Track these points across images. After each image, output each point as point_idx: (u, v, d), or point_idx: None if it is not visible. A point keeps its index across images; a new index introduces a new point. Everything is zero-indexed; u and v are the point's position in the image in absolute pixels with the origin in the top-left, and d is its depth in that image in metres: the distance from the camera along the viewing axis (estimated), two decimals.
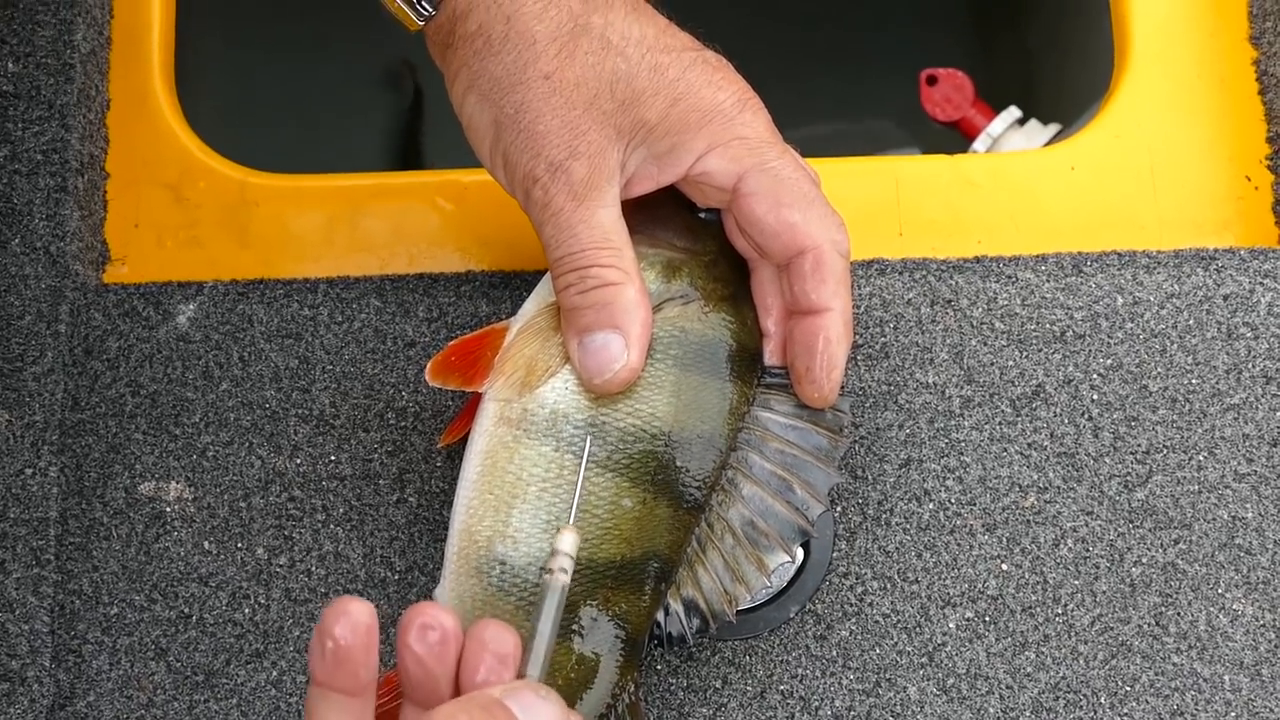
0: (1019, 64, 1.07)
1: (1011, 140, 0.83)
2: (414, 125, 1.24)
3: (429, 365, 0.57)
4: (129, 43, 0.71)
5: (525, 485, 0.57)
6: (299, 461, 0.64)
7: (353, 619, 0.45)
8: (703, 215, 0.61)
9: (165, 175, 0.70)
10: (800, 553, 0.63)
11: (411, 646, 0.47)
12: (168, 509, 0.64)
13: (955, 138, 0.89)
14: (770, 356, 0.60)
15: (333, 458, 0.64)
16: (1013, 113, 0.84)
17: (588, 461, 0.57)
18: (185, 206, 0.69)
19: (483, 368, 0.58)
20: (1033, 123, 0.84)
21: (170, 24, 0.72)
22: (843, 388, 0.59)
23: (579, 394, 0.58)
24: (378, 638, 0.46)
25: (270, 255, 0.68)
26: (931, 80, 0.87)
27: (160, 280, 0.67)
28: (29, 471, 0.64)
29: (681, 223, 0.61)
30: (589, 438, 0.57)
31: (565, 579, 0.53)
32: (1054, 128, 0.83)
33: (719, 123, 0.57)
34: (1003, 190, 0.69)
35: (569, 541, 0.54)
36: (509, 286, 0.66)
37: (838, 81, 1.07)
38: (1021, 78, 1.05)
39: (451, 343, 0.57)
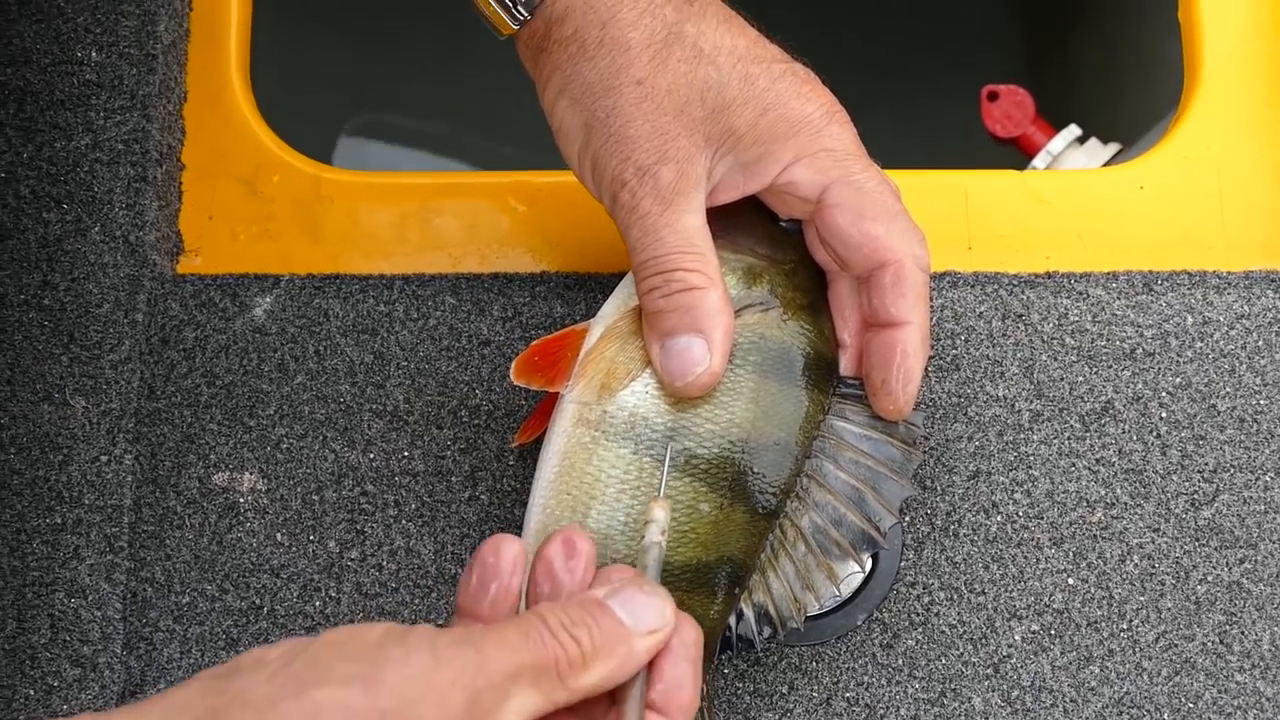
0: (1073, 84, 1.07)
1: (1072, 158, 0.84)
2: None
3: (514, 364, 0.57)
4: (207, 36, 0.72)
5: (603, 486, 0.57)
6: (372, 456, 0.65)
7: (504, 553, 0.47)
8: (784, 224, 0.62)
9: (240, 169, 0.70)
10: (869, 562, 0.63)
11: (549, 558, 0.49)
12: (241, 500, 0.64)
13: (1014, 155, 0.89)
14: (845, 367, 0.61)
15: (406, 454, 0.65)
16: (1073, 131, 0.85)
17: (667, 466, 0.57)
18: (259, 200, 0.70)
19: (563, 368, 0.58)
20: (1093, 141, 0.84)
21: (247, 18, 0.73)
22: (917, 401, 0.60)
23: (659, 398, 0.58)
24: (524, 574, 0.47)
25: (342, 251, 0.69)
26: (993, 96, 0.88)
27: (232, 272, 0.68)
28: (104, 459, 0.64)
29: (763, 231, 0.62)
30: (672, 440, 0.58)
31: (662, 541, 0.54)
32: (1114, 147, 0.84)
33: (807, 134, 0.57)
34: (1071, 207, 0.69)
35: (662, 512, 0.55)
36: (584, 288, 0.67)
37: (893, 96, 1.07)
38: (1076, 97, 1.06)
39: (534, 343, 0.58)
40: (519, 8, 0.58)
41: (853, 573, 0.61)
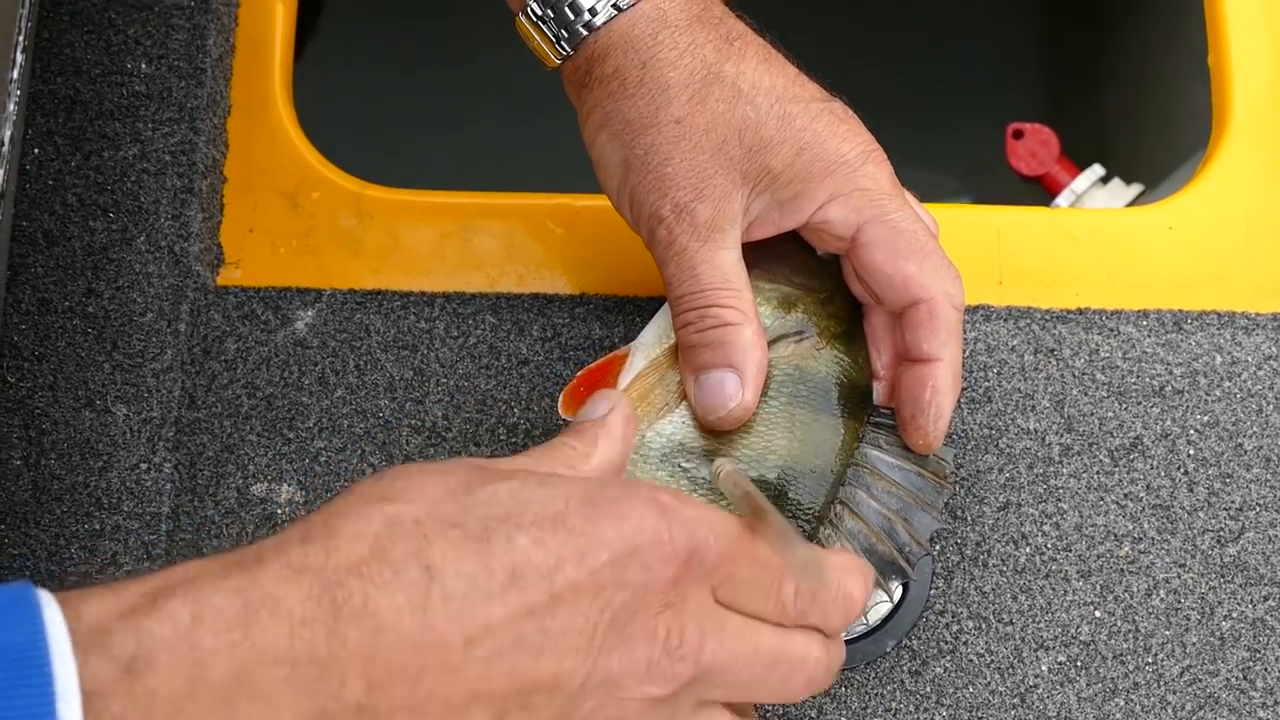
0: (1096, 125, 1.09)
1: (1095, 198, 0.85)
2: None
3: (561, 397, 0.58)
4: (252, 51, 0.72)
5: None
6: None
7: None
8: (820, 255, 0.63)
9: (282, 183, 0.71)
10: (899, 590, 0.64)
11: None
12: (278, 510, 0.65)
13: (1037, 193, 0.91)
14: (879, 398, 0.62)
15: None
16: (1096, 170, 0.86)
17: (704, 489, 0.58)
18: (300, 215, 0.70)
19: None
20: (1116, 182, 0.86)
21: (291, 34, 0.73)
22: (948, 435, 0.60)
23: (695, 427, 0.59)
24: None
25: (381, 267, 0.69)
26: (1018, 134, 0.89)
27: (271, 285, 0.68)
28: (144, 466, 0.64)
29: (799, 260, 0.62)
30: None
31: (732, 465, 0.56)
32: (1137, 188, 0.85)
33: (842, 173, 0.58)
34: (1101, 245, 0.70)
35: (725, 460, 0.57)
36: (622, 311, 0.68)
37: (917, 133, 1.09)
38: (1099, 138, 1.07)
39: (579, 373, 0.59)
40: (562, 44, 0.59)
41: (880, 602, 0.61)
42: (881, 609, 0.64)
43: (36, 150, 0.68)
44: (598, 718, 0.45)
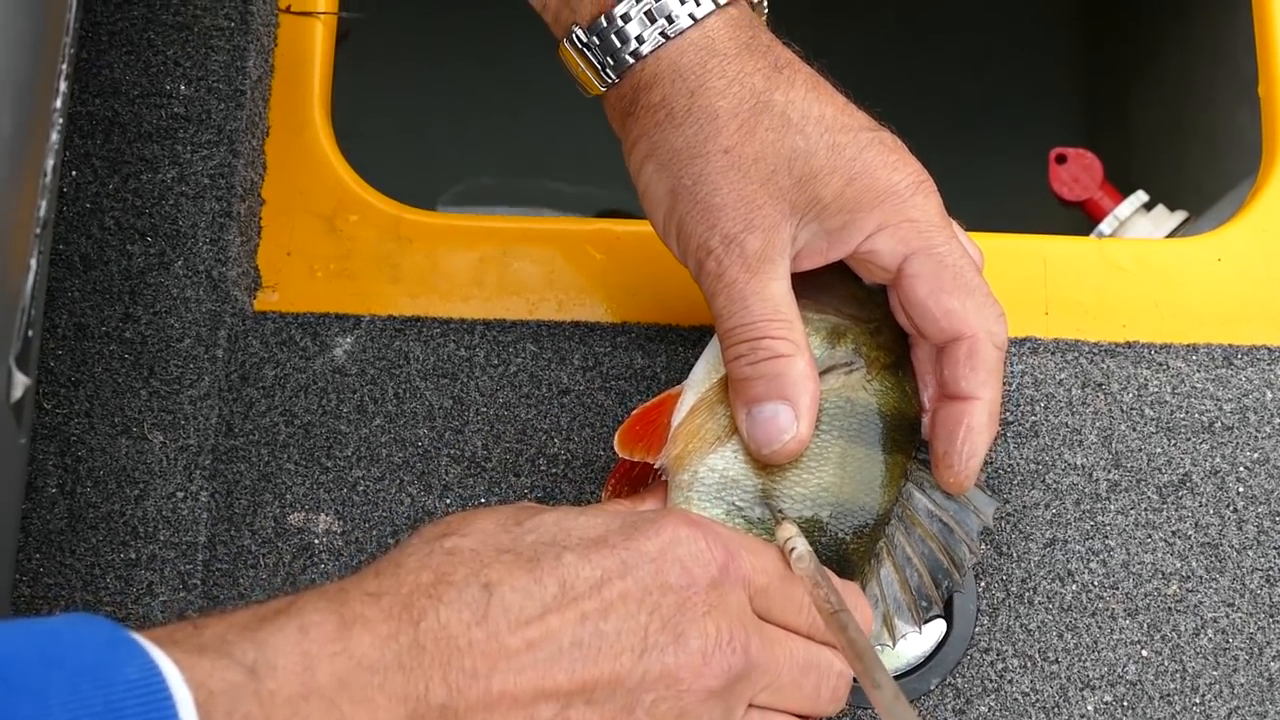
0: (1139, 150, 1.08)
1: (1138, 225, 0.84)
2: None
3: (617, 435, 0.57)
4: (291, 72, 0.72)
5: None
6: (449, 502, 0.64)
7: None
8: (868, 285, 0.62)
9: (320, 206, 0.70)
10: (943, 625, 0.63)
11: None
12: (316, 540, 0.64)
13: (1078, 219, 0.90)
14: (924, 431, 0.61)
15: (483, 500, 0.64)
16: (1140, 197, 0.85)
17: (759, 530, 0.57)
18: (338, 238, 0.70)
19: (660, 435, 0.58)
20: (1160, 208, 0.85)
21: (330, 56, 0.73)
22: (990, 476, 0.60)
23: (747, 462, 0.58)
24: None
25: (420, 292, 0.69)
26: (1061, 159, 0.88)
27: (309, 310, 0.68)
28: (180, 495, 0.64)
29: (847, 290, 0.62)
30: (765, 501, 0.58)
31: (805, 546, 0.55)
32: (1181, 214, 0.84)
33: (892, 204, 0.57)
34: (1148, 276, 0.69)
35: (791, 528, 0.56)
36: (664, 340, 0.67)
37: (957, 157, 1.08)
38: (1142, 163, 1.07)
39: (635, 411, 0.58)
40: (608, 72, 0.58)
41: (882, 645, 0.60)
42: (925, 645, 0.63)
43: (74, 173, 0.68)
44: (660, 710, 0.48)
